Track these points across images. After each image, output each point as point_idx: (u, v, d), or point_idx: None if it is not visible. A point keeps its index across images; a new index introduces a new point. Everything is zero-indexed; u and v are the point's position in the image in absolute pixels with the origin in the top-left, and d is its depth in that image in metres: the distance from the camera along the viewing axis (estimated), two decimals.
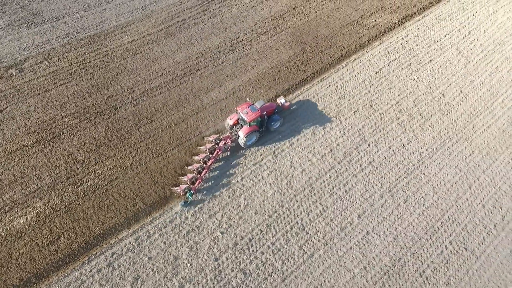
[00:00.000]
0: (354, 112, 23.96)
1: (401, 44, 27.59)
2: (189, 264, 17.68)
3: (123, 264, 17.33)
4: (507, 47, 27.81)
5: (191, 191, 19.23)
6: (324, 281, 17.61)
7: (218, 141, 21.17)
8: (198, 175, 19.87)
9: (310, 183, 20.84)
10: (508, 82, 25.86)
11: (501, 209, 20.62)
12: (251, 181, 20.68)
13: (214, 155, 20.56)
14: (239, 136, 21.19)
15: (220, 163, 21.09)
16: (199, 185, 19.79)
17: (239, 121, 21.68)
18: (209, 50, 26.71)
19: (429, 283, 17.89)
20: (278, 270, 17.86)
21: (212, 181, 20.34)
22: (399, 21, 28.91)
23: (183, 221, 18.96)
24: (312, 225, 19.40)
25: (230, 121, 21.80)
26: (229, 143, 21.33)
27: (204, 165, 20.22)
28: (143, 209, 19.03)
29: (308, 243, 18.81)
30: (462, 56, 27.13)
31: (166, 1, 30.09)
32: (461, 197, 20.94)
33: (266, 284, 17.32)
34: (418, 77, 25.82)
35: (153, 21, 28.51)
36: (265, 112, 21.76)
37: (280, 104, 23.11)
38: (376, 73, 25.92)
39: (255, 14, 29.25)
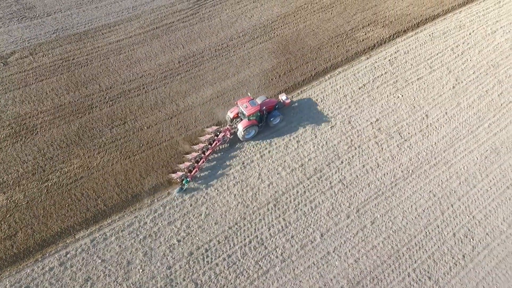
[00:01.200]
0: (331, 127, 23.90)
1: (389, 60, 27.38)
2: (141, 270, 17.97)
3: (75, 264, 17.76)
4: (501, 69, 27.24)
5: (187, 179, 20.43)
6: None
7: (218, 133, 22.22)
8: (196, 164, 20.99)
9: (276, 197, 20.89)
10: (497, 107, 25.32)
11: (473, 240, 20.18)
12: (216, 190, 20.88)
13: (212, 146, 21.72)
14: (238, 129, 22.07)
15: (218, 155, 22.09)
16: (196, 173, 20.84)
17: (239, 115, 22.62)
18: (192, 54, 27.13)
19: None
20: (231, 283, 17.95)
21: (208, 171, 21.31)
22: (390, 36, 28.71)
23: (141, 225, 19.30)
24: (272, 240, 19.43)
25: (230, 114, 22.85)
26: (228, 136, 22.30)
27: (202, 155, 21.41)
28: (103, 211, 19.46)
29: (265, 259, 18.85)
30: (452, 76, 26.71)
31: (157, 3, 30.75)
32: (432, 224, 20.60)
33: None
34: (402, 95, 25.56)
35: (142, 22, 29.17)
36: (264, 108, 22.63)
37: (281, 101, 23.82)
38: (359, 88, 25.79)
39: (244, 21, 29.56)
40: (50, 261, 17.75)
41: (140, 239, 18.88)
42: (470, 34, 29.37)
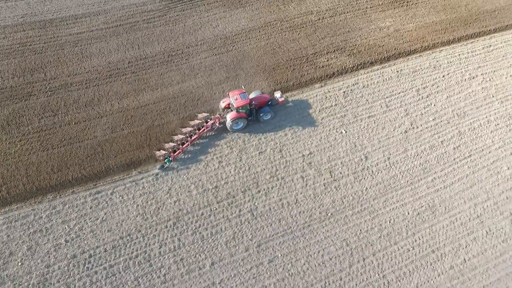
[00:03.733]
0: (259, 152, 23.93)
1: (344, 91, 26.91)
2: (20, 263, 19.01)
3: None
4: (466, 121, 25.91)
5: (170, 158, 22.77)
6: None
7: (208, 120, 24.26)
8: (180, 146, 23.16)
9: (178, 215, 21.26)
10: (448, 161, 24.12)
11: None
12: (120, 197, 21.61)
13: (200, 131, 23.71)
14: (226, 119, 24.01)
15: (204, 140, 24.13)
16: (179, 154, 23.12)
17: (230, 106, 24.34)
18: (145, 56, 28.22)
19: None
20: None
21: (190, 155, 23.46)
22: (354, 66, 28.21)
23: (36, 219, 20.40)
24: (159, 259, 19.81)
25: (222, 104, 25.01)
26: (216, 124, 24.23)
27: (189, 138, 23.52)
28: (4, 199, 20.81)
29: (146, 276, 19.27)
30: (408, 120, 25.78)
31: (130, 0, 32.18)
32: (335, 274, 20.06)
33: None
34: (346, 132, 25.04)
35: (108, 18, 30.73)
36: (254, 102, 24.29)
37: (276, 98, 25.38)
38: (302, 117, 25.57)
39: (207, 30, 30.28)
40: None
41: (30, 233, 19.96)
42: (443, 76, 28.17)
